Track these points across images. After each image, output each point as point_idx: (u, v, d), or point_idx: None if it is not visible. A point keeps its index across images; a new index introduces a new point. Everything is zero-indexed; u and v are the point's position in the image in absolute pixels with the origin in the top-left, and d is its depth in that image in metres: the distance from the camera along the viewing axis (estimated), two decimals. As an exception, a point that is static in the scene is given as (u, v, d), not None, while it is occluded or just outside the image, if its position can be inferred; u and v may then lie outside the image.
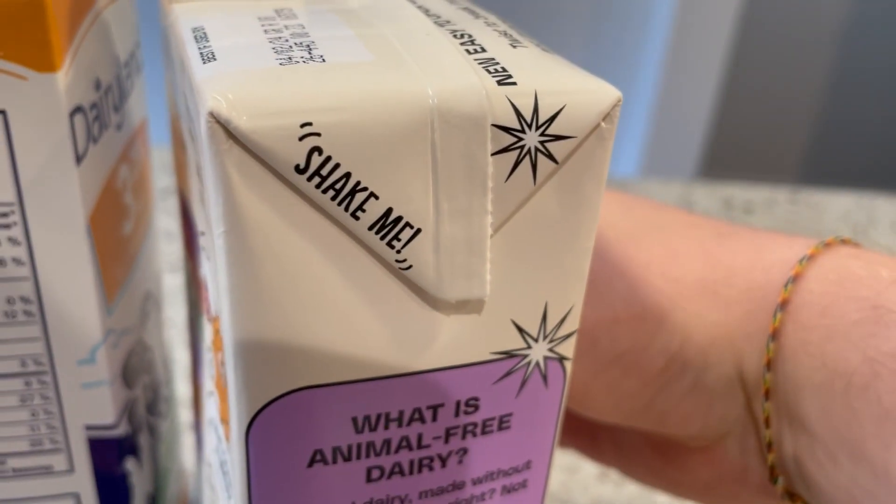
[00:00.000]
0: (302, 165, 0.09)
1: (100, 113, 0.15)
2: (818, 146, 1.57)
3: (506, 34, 0.11)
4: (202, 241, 0.13)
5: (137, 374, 0.18)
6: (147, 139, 0.19)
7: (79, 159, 0.14)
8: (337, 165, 0.09)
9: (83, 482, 0.17)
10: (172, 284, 0.29)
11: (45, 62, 0.13)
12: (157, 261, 0.20)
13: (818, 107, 1.69)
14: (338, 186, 0.09)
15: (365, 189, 0.09)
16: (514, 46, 0.11)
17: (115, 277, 0.16)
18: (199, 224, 0.13)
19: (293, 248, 0.10)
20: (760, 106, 1.56)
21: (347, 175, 0.09)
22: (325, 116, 0.09)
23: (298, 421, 0.11)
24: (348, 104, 0.09)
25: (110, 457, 0.17)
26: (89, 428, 0.16)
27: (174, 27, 0.12)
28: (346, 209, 0.10)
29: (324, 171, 0.09)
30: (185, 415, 0.26)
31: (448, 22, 0.12)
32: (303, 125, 0.09)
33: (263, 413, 0.10)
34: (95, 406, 0.16)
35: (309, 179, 0.09)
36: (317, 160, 0.09)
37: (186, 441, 0.25)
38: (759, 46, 1.52)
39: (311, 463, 0.11)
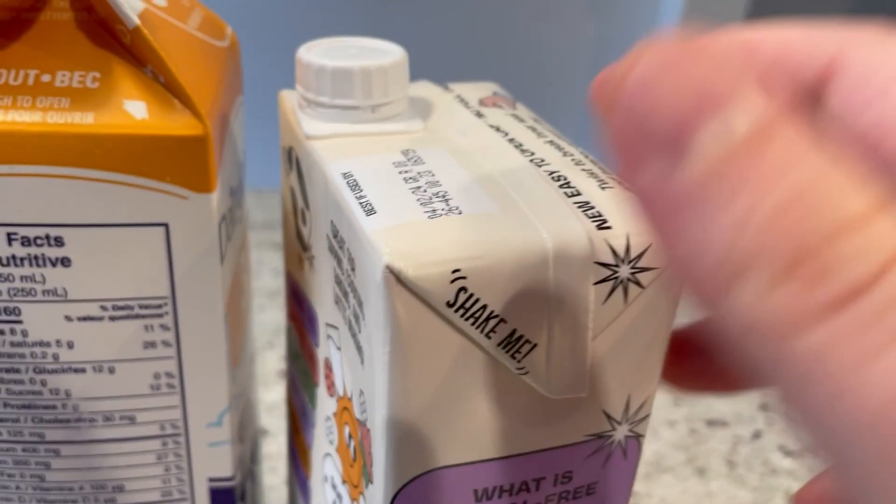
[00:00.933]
0: (451, 301, 0.12)
1: (233, 215, 0.18)
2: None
3: (592, 174, 0.14)
4: (329, 331, 0.16)
5: (246, 429, 0.20)
6: (248, 222, 0.22)
7: (222, 259, 0.16)
8: (477, 300, 0.12)
9: (203, 526, 0.19)
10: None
11: (203, 185, 0.15)
12: (253, 325, 0.23)
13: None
14: (477, 315, 0.12)
15: (497, 316, 0.12)
16: (603, 188, 0.14)
17: (237, 349, 0.19)
18: (326, 317, 0.16)
19: (441, 364, 0.12)
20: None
21: (484, 307, 0.12)
22: (468, 264, 0.12)
23: (432, 494, 0.13)
24: (485, 253, 0.12)
25: (223, 502, 0.19)
26: (211, 480, 0.19)
27: (321, 166, 0.14)
28: (482, 332, 0.12)
29: (467, 305, 0.12)
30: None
31: (543, 161, 0.14)
32: (453, 272, 0.12)
33: (407, 487, 0.13)
34: (218, 462, 0.19)
35: (455, 311, 0.12)
36: (462, 297, 0.12)
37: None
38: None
39: (441, 524, 0.14)
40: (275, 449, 0.32)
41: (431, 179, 0.13)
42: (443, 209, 0.13)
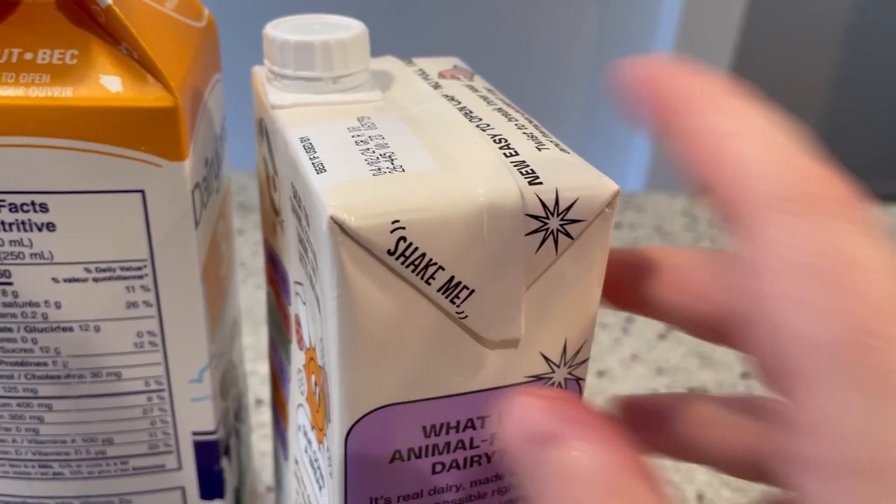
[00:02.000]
0: (392, 250, 0.13)
1: (208, 184, 0.19)
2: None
3: (532, 137, 0.15)
4: (297, 289, 0.17)
5: (229, 388, 0.22)
6: (230, 194, 0.23)
7: (196, 224, 0.18)
8: (416, 249, 0.13)
9: (189, 477, 0.21)
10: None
11: (175, 154, 0.17)
12: (237, 294, 0.24)
13: (821, 115, 1.70)
14: (417, 263, 0.13)
15: (436, 264, 0.13)
16: (539, 149, 0.15)
17: (216, 312, 0.20)
18: (294, 275, 0.17)
19: (385, 307, 0.13)
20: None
21: (423, 255, 0.13)
22: (407, 216, 0.13)
23: (384, 429, 0.14)
24: (423, 206, 0.13)
25: (210, 457, 0.21)
26: (195, 434, 0.20)
27: (283, 132, 0.16)
28: (422, 278, 0.13)
29: (407, 253, 0.13)
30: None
31: (488, 126, 0.15)
32: (393, 222, 0.13)
33: (358, 424, 0.14)
34: (200, 416, 0.20)
35: (396, 259, 0.13)
36: (402, 246, 0.13)
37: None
38: (760, 63, 1.55)
39: (392, 460, 0.15)
40: (268, 418, 0.33)
41: (381, 142, 0.15)
42: (387, 167, 0.14)
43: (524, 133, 0.15)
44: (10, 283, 0.17)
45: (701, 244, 0.51)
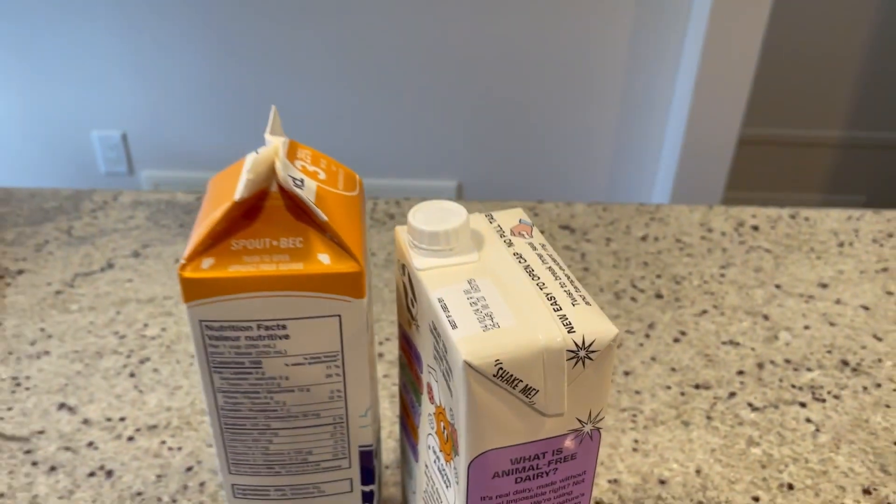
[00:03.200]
0: (495, 374, 0.25)
1: (370, 309, 0.30)
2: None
3: (570, 294, 0.26)
4: (429, 368, 0.29)
5: (376, 419, 0.34)
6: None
7: (367, 331, 0.29)
8: (508, 372, 0.25)
9: (355, 472, 0.33)
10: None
11: (359, 294, 0.28)
12: (376, 369, 0.36)
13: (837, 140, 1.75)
14: (508, 379, 0.25)
15: (519, 379, 0.25)
16: (574, 304, 0.26)
17: (372, 379, 0.32)
18: (427, 360, 0.29)
19: (490, 402, 0.25)
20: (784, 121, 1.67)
21: (512, 375, 0.25)
22: (502, 356, 0.24)
23: (489, 461, 0.26)
24: (510, 350, 0.24)
25: (368, 460, 0.33)
26: (360, 447, 0.32)
27: (426, 291, 0.27)
28: (512, 386, 0.25)
29: (503, 375, 0.25)
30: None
31: (544, 285, 0.27)
32: (495, 362, 0.24)
33: (475, 460, 0.26)
34: (364, 436, 0.32)
35: (497, 377, 0.25)
36: (500, 372, 0.25)
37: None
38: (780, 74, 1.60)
39: (493, 477, 0.27)
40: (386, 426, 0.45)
41: (484, 304, 0.26)
42: (490, 324, 0.25)
43: (565, 290, 0.27)
44: (260, 367, 0.30)
45: (713, 254, 0.62)
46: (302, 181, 0.29)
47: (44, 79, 1.86)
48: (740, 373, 0.50)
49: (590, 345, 0.25)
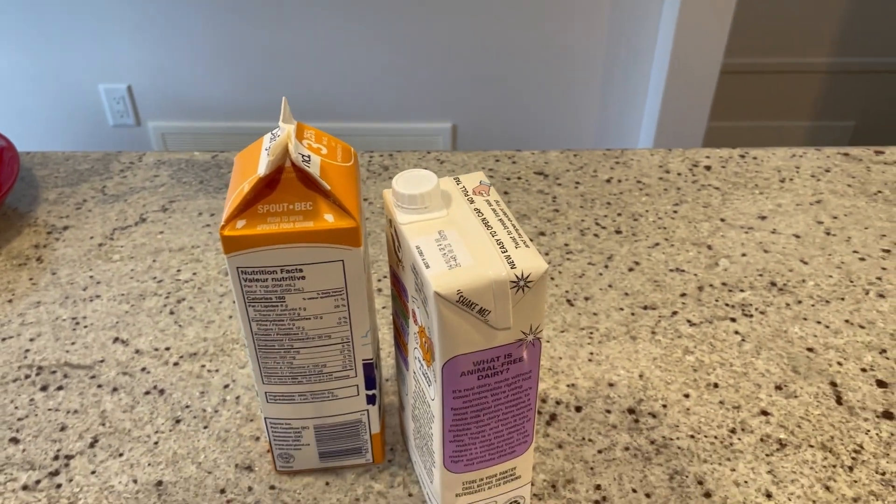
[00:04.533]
0: (457, 300, 0.34)
1: (367, 254, 0.39)
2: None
3: (514, 240, 0.35)
4: (412, 298, 0.38)
5: (376, 339, 0.43)
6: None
7: (366, 271, 0.39)
8: (467, 299, 0.34)
9: (360, 380, 0.43)
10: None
11: (356, 244, 0.37)
12: (374, 300, 0.45)
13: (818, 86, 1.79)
14: (467, 303, 0.34)
15: (475, 303, 0.34)
16: (517, 247, 0.35)
17: (371, 308, 0.41)
18: (411, 291, 0.38)
19: (455, 321, 0.34)
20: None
21: (469, 300, 0.34)
22: (462, 287, 0.33)
23: (457, 364, 0.36)
24: (469, 283, 0.34)
25: (370, 371, 0.43)
26: (364, 360, 0.42)
27: (407, 239, 0.36)
28: (470, 308, 0.34)
29: (463, 301, 0.34)
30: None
31: (495, 234, 0.36)
32: (458, 291, 0.33)
33: (447, 363, 0.35)
34: (366, 352, 0.42)
35: (459, 303, 0.34)
36: (461, 298, 0.34)
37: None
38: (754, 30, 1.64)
39: (461, 375, 0.36)
40: (384, 353, 0.55)
41: (450, 249, 0.35)
42: (454, 264, 0.34)
43: (510, 237, 0.36)
44: (284, 301, 0.39)
45: (669, 193, 0.70)
46: (309, 157, 0.38)
47: (50, 35, 1.91)
48: (683, 295, 0.60)
49: (527, 277, 0.34)
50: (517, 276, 0.34)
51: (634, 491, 0.45)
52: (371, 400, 0.44)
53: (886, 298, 0.59)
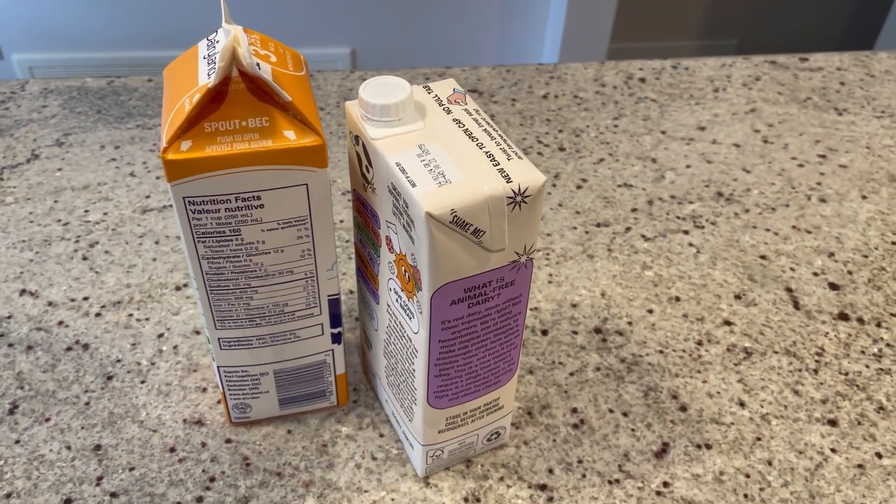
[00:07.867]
0: (451, 221, 0.30)
1: (330, 178, 0.35)
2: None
3: (504, 151, 0.32)
4: (387, 223, 0.34)
5: (338, 273, 0.39)
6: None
7: (329, 197, 0.34)
8: (461, 219, 0.30)
9: (325, 318, 0.39)
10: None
11: (322, 164, 0.33)
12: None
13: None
14: (461, 224, 0.30)
15: (469, 224, 0.30)
16: (510, 159, 0.31)
17: (334, 239, 0.37)
18: (385, 216, 0.34)
19: (447, 244, 0.31)
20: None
21: (464, 220, 0.30)
22: (456, 206, 0.30)
23: (447, 291, 0.32)
24: (462, 201, 0.30)
25: (335, 307, 0.39)
26: (329, 296, 0.38)
27: (384, 156, 0.32)
28: (464, 230, 0.30)
29: (457, 221, 0.30)
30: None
31: (482, 145, 0.32)
32: (451, 211, 0.30)
33: (437, 292, 0.32)
34: (331, 287, 0.37)
35: (453, 223, 0.30)
36: (455, 218, 0.30)
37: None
38: None
39: (451, 304, 0.33)
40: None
41: (435, 164, 0.31)
42: (443, 181, 0.30)
43: (500, 148, 0.32)
44: (239, 234, 0.34)
45: (607, 107, 0.68)
46: (258, 65, 0.32)
47: None
48: (634, 210, 0.58)
49: (524, 191, 0.31)
50: (514, 191, 0.31)
51: (611, 411, 0.44)
52: (336, 339, 0.40)
53: (828, 203, 0.59)
